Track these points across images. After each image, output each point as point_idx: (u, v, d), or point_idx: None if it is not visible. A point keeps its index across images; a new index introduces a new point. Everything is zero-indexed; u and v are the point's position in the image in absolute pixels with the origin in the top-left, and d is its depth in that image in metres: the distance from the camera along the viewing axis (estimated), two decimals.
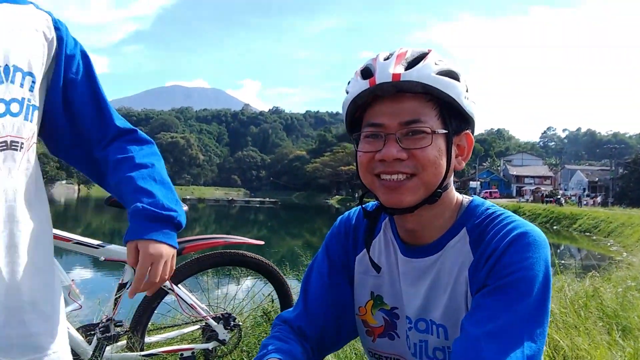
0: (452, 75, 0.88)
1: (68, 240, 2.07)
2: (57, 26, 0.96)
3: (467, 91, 0.89)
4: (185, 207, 1.13)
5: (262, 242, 2.45)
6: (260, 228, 36.52)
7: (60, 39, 0.95)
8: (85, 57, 1.01)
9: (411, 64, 0.86)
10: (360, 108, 0.91)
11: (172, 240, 0.98)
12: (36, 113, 0.91)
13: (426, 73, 0.84)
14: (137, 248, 0.95)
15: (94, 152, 1.03)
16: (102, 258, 2.15)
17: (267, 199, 79.18)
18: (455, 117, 0.89)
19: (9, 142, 0.84)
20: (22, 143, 0.87)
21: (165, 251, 0.96)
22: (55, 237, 2.05)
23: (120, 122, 1.06)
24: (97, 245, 2.13)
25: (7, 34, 0.86)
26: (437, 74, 0.85)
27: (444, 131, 0.87)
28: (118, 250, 2.17)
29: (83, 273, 2.46)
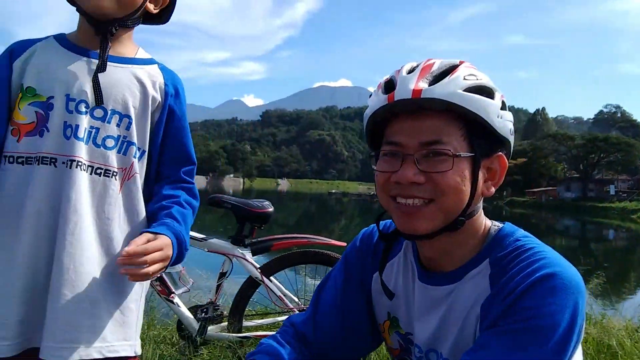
0: (484, 91, 0.79)
1: None
2: (167, 84, 1.13)
3: (502, 109, 0.80)
4: None
5: (344, 244, 2.53)
6: None
7: (166, 94, 1.13)
8: (181, 112, 1.17)
9: (437, 79, 0.79)
10: (380, 124, 0.85)
11: (177, 245, 1.08)
12: (133, 149, 1.07)
13: (451, 89, 0.77)
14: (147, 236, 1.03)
15: (157, 185, 1.17)
16: (206, 249, 2.48)
17: None
18: (486, 137, 0.80)
19: (105, 170, 1.03)
20: (115, 172, 1.04)
21: (168, 244, 1.04)
22: None
23: (187, 173, 1.19)
24: (201, 238, 2.46)
25: (117, 82, 1.06)
26: (465, 90, 0.78)
27: (469, 154, 0.79)
28: (218, 243, 2.48)
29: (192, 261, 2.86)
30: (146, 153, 1.12)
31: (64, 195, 0.99)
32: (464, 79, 0.79)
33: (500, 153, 0.84)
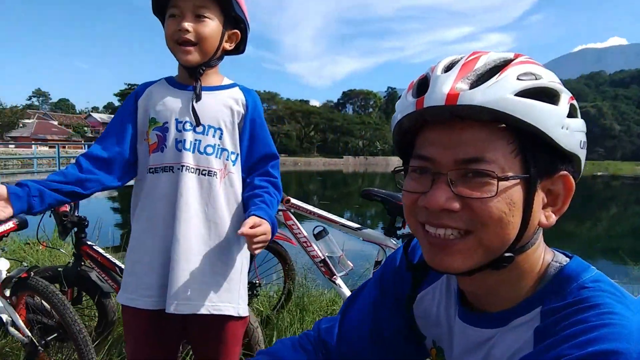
0: (544, 94, 0.62)
1: (336, 222, 2.73)
2: (247, 100, 1.43)
3: (570, 116, 0.64)
4: None
5: None
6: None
7: (247, 110, 1.42)
8: (259, 122, 1.46)
9: (480, 79, 0.62)
10: (410, 133, 0.70)
11: (272, 222, 1.33)
12: (227, 154, 1.39)
13: (498, 94, 0.60)
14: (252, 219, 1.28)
15: (249, 177, 1.48)
16: (361, 239, 2.70)
17: None
18: (546, 152, 0.63)
19: (209, 171, 1.36)
20: (215, 172, 1.36)
21: (267, 227, 1.30)
22: (327, 218, 2.76)
23: (272, 167, 1.47)
24: (357, 228, 2.69)
25: (210, 106, 1.38)
26: (517, 94, 0.60)
27: (521, 176, 0.62)
28: (372, 234, 2.66)
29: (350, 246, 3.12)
30: (238, 155, 1.43)
31: (178, 192, 1.32)
32: (518, 79, 0.62)
33: (564, 172, 0.65)
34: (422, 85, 0.66)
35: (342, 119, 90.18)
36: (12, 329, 1.97)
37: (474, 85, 0.61)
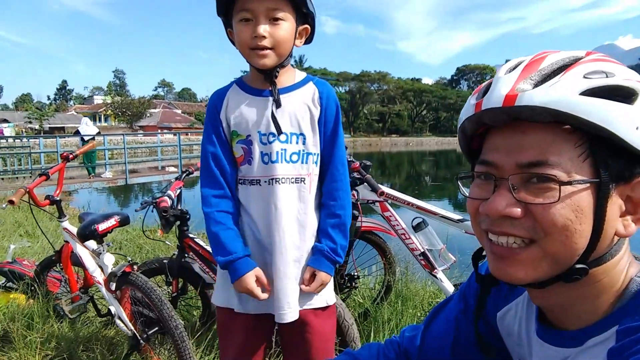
0: (618, 93, 0.57)
1: (435, 213, 2.52)
2: (321, 96, 1.38)
3: None
4: None
5: None
6: None
7: (322, 106, 1.38)
8: (336, 114, 1.41)
9: (546, 79, 0.59)
10: (475, 138, 0.68)
11: (332, 271, 1.40)
12: (311, 157, 1.36)
13: (560, 93, 0.57)
14: (314, 272, 1.37)
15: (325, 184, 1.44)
16: (463, 231, 2.45)
17: None
18: (620, 156, 0.58)
19: (296, 179, 1.34)
20: (303, 178, 1.35)
21: (327, 277, 1.39)
22: (426, 209, 2.55)
23: (333, 182, 1.41)
24: (458, 220, 2.45)
25: (289, 111, 1.34)
26: (582, 93, 0.57)
27: (590, 180, 0.58)
28: None
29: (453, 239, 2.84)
30: (319, 154, 1.40)
31: (272, 204, 1.32)
32: (585, 77, 0.58)
33: None
34: (487, 88, 0.64)
35: (455, 96, 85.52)
36: (118, 321, 2.15)
37: (537, 85, 0.59)
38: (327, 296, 1.43)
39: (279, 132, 1.31)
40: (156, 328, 2.07)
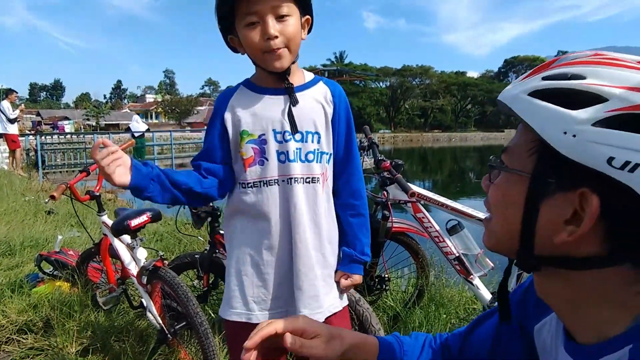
0: (567, 98, 0.56)
1: (471, 216, 2.41)
2: (333, 95, 1.36)
3: (601, 125, 0.54)
4: None
5: None
6: None
7: (334, 105, 1.35)
8: (348, 112, 1.40)
9: (525, 78, 0.67)
10: None
11: (362, 272, 1.44)
12: (324, 156, 1.33)
13: (515, 92, 0.62)
14: (345, 275, 1.40)
15: (334, 182, 1.41)
16: None
17: None
18: (567, 162, 0.56)
19: (312, 178, 1.31)
20: (317, 178, 1.31)
21: (359, 278, 1.43)
22: (461, 211, 2.45)
23: (356, 182, 1.41)
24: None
25: (304, 109, 1.30)
26: (530, 94, 0.60)
27: (521, 172, 0.62)
28: None
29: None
30: (331, 154, 1.37)
31: (291, 204, 1.29)
32: (543, 78, 0.60)
33: (585, 189, 0.55)
34: None
35: (503, 89, 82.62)
36: (148, 314, 2.20)
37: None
38: (342, 299, 1.42)
39: (295, 130, 1.28)
40: (184, 323, 2.11)
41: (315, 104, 1.33)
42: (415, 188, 2.50)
